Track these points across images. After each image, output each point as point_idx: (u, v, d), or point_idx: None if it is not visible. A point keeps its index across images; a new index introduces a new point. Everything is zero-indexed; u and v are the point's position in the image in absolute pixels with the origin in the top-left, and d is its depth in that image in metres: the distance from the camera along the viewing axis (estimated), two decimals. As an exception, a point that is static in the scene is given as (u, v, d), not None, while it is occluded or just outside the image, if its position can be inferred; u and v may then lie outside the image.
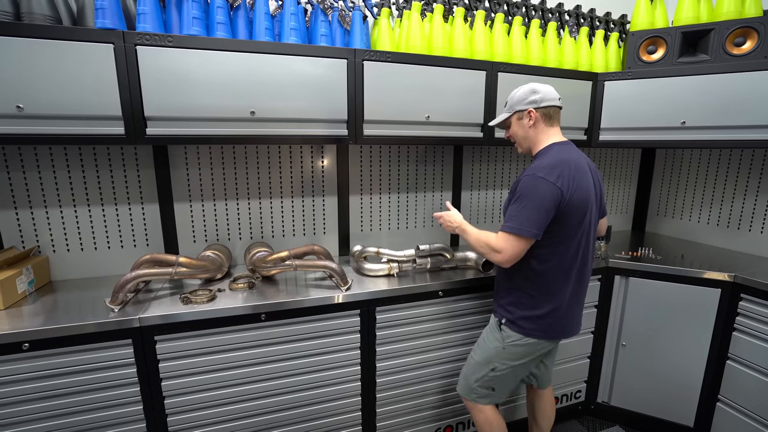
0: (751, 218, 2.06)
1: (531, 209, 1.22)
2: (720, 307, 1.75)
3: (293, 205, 1.91)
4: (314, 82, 1.51)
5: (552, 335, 1.40)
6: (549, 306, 1.36)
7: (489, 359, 1.45)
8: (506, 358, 1.42)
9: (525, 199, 1.24)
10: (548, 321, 1.37)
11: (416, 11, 1.71)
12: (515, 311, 1.39)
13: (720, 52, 1.78)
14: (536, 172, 1.25)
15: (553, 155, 1.30)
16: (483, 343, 1.50)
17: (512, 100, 1.40)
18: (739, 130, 1.74)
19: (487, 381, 1.46)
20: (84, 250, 1.65)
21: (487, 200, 2.27)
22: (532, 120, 1.36)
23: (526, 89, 1.36)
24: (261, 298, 1.45)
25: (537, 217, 1.22)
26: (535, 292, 1.35)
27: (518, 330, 1.39)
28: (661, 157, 2.47)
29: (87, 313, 1.31)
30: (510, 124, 1.43)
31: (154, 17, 1.37)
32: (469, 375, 1.50)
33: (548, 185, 1.22)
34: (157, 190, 1.69)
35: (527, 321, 1.37)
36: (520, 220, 1.24)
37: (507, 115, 1.42)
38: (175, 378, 1.37)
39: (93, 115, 1.32)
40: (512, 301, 1.41)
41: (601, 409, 2.08)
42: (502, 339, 1.42)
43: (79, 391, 1.27)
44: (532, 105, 1.34)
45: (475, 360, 1.49)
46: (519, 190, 1.27)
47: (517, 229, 1.24)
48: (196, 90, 1.39)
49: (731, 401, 1.75)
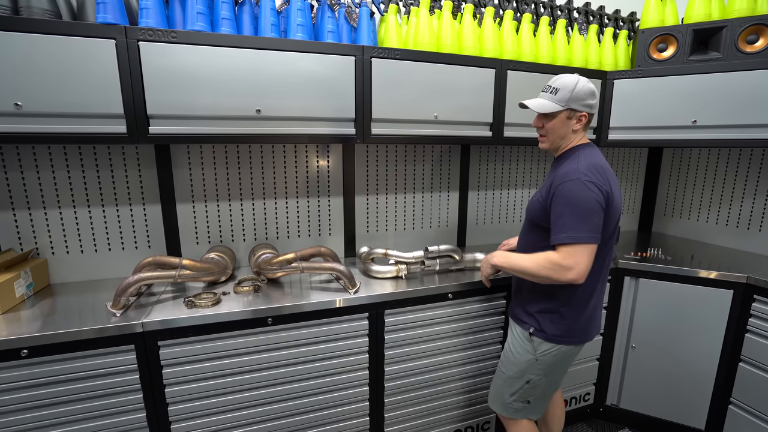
0: (761, 218, 2.04)
1: (587, 214, 1.14)
2: (732, 308, 1.73)
3: (298, 206, 1.87)
4: (321, 80, 1.48)
5: (583, 340, 1.34)
6: (583, 312, 1.30)
7: (522, 372, 1.36)
8: (540, 369, 1.34)
9: (577, 205, 1.15)
10: (581, 327, 1.31)
11: (425, 8, 1.67)
12: (548, 319, 1.30)
13: (732, 49, 1.76)
14: (580, 176, 1.16)
15: (587, 157, 1.23)
16: (511, 355, 1.40)
17: (566, 91, 1.22)
18: (751, 129, 1.72)
19: (522, 394, 1.39)
20: (84, 252, 1.60)
21: (494, 200, 2.24)
22: (580, 124, 1.26)
23: (586, 89, 1.22)
24: (267, 302, 1.41)
25: (595, 220, 1.15)
26: (570, 299, 1.28)
27: (551, 339, 1.30)
28: (668, 156, 2.45)
29: (87, 317, 1.27)
30: (552, 116, 1.26)
31: (157, 12, 1.33)
32: (502, 390, 1.43)
33: (596, 188, 1.16)
34: (159, 190, 1.65)
35: (561, 329, 1.30)
36: (581, 227, 1.14)
37: (559, 108, 1.24)
38: (179, 384, 1.33)
39: (94, 113, 1.27)
40: (544, 309, 1.31)
41: (610, 411, 2.06)
42: (534, 350, 1.33)
43: (79, 399, 1.23)
44: (587, 109, 1.24)
45: (506, 374, 1.41)
46: (566, 196, 1.16)
47: (581, 238, 1.14)
48: (200, 87, 1.35)
49: (744, 403, 1.73)
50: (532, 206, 1.32)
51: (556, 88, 1.24)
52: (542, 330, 1.31)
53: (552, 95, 1.25)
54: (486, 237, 2.25)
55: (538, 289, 1.32)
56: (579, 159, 1.23)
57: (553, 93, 1.25)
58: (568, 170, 1.20)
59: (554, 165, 1.34)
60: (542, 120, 1.30)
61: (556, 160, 1.35)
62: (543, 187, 1.32)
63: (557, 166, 1.30)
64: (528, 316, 1.36)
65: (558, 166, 1.30)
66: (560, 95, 1.23)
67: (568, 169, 1.21)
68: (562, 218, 1.16)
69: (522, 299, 1.40)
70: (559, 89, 1.23)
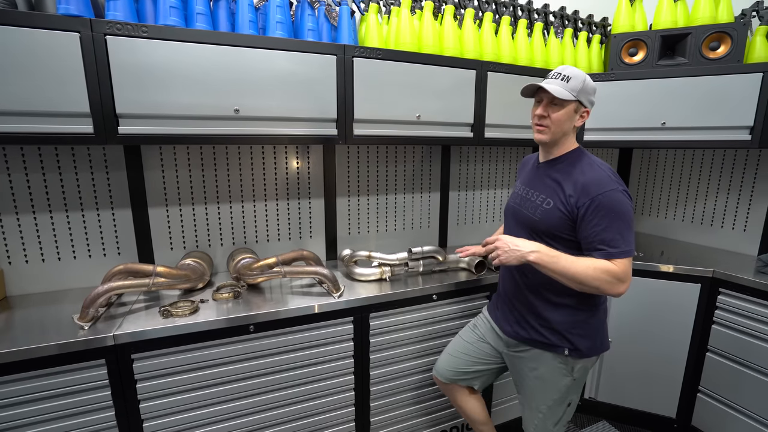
0: (723, 215, 2.16)
1: (630, 226, 1.11)
2: (700, 301, 1.81)
3: (278, 209, 1.82)
4: (302, 79, 1.44)
5: (607, 345, 1.29)
6: (604, 318, 1.26)
7: (563, 398, 1.27)
8: (578, 387, 1.28)
9: (623, 218, 1.09)
10: (603, 333, 1.27)
11: (406, 8, 1.66)
12: (578, 335, 1.21)
13: (697, 55, 1.85)
14: (616, 186, 1.11)
15: (601, 162, 1.19)
16: (544, 385, 1.27)
17: (578, 81, 1.14)
18: (714, 130, 1.81)
19: (565, 418, 1.31)
20: (45, 261, 1.49)
21: (474, 200, 2.26)
22: (582, 121, 1.20)
23: (593, 84, 1.17)
24: (248, 309, 1.35)
25: (633, 232, 1.12)
26: (592, 308, 1.22)
27: (587, 353, 1.22)
28: (638, 156, 2.55)
29: (51, 331, 1.18)
30: (564, 105, 1.16)
31: (126, 5, 1.25)
32: (545, 426, 1.30)
33: (629, 197, 1.12)
34: (129, 193, 1.56)
35: (591, 340, 1.22)
36: (630, 239, 1.10)
37: (571, 98, 1.14)
38: (155, 399, 1.26)
39: (56, 111, 1.18)
40: (572, 323, 1.21)
41: (589, 404, 2.12)
42: (571, 371, 1.23)
43: (44, 420, 1.14)
44: (591, 106, 1.19)
45: (545, 407, 1.28)
46: (610, 209, 1.09)
47: (627, 253, 1.09)
48: (174, 85, 1.28)
49: (711, 391, 1.82)
50: (546, 216, 1.19)
51: (568, 76, 1.14)
52: (576, 348, 1.21)
53: (564, 82, 1.14)
54: (466, 237, 2.27)
55: (561, 303, 1.21)
56: (595, 163, 1.17)
57: (565, 80, 1.14)
58: (599, 179, 1.12)
59: (557, 167, 1.23)
60: (549, 109, 1.18)
61: (555, 162, 1.24)
62: (551, 193, 1.20)
63: (565, 169, 1.20)
64: (556, 337, 1.22)
65: (568, 170, 1.19)
66: (572, 84, 1.13)
67: (595, 177, 1.13)
68: (607, 233, 1.09)
69: (540, 315, 1.24)
70: (571, 77, 1.14)
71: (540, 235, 1.21)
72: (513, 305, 1.33)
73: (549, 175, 1.23)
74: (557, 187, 1.18)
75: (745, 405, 1.69)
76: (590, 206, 1.10)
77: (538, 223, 1.21)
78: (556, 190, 1.18)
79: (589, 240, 1.12)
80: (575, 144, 1.24)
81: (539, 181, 1.26)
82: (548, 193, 1.21)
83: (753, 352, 1.65)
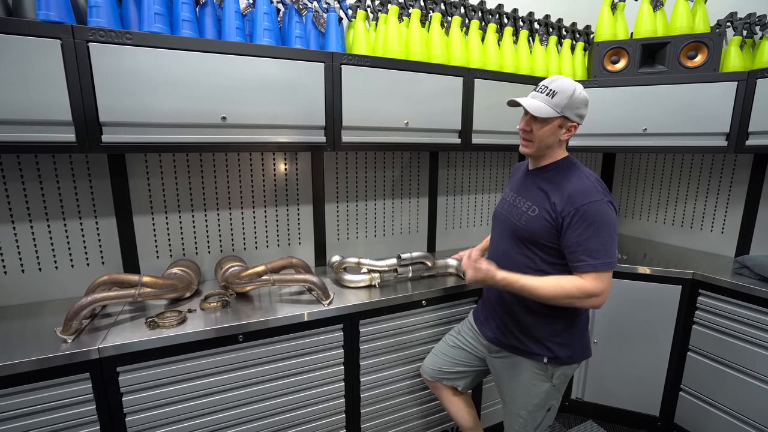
0: (702, 218, 2.22)
1: (613, 238, 1.10)
2: (681, 302, 1.87)
3: (266, 215, 1.80)
4: (290, 87, 1.43)
5: (588, 353, 1.29)
6: (585, 326, 1.27)
7: (543, 403, 1.27)
8: (558, 392, 1.29)
9: (605, 228, 1.09)
10: (584, 341, 1.28)
11: (394, 15, 1.67)
12: (557, 344, 1.22)
13: (675, 64, 1.90)
14: (602, 197, 1.11)
15: (589, 172, 1.19)
16: (524, 391, 1.28)
17: (564, 95, 1.11)
18: (693, 137, 1.87)
19: (546, 422, 1.32)
20: (25, 272, 1.45)
21: (462, 205, 2.28)
22: (569, 135, 1.17)
23: (583, 97, 1.14)
24: (237, 318, 1.34)
25: (616, 243, 1.11)
26: (577, 315, 1.24)
27: (566, 361, 1.23)
28: (620, 160, 2.61)
29: (32, 345, 1.15)
30: (547, 122, 1.15)
31: (109, 11, 1.23)
32: (527, 430, 1.31)
33: (613, 208, 1.12)
34: (113, 201, 1.53)
35: (571, 349, 1.23)
36: (611, 252, 1.09)
37: (554, 114, 1.12)
38: (142, 412, 1.24)
39: (36, 119, 1.15)
40: (554, 331, 1.22)
41: (576, 405, 2.16)
42: (550, 377, 1.25)
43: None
44: (579, 120, 1.16)
45: (526, 412, 1.29)
46: (592, 219, 1.08)
47: (610, 264, 1.08)
48: (159, 93, 1.26)
49: (692, 390, 1.87)
50: (530, 223, 1.19)
51: (554, 91, 1.12)
52: (556, 356, 1.22)
53: (548, 98, 1.12)
54: (455, 242, 2.29)
55: (541, 312, 1.22)
56: (583, 174, 1.17)
57: (549, 95, 1.12)
58: (585, 189, 1.12)
59: (544, 176, 1.23)
60: (532, 124, 1.17)
61: (543, 171, 1.24)
62: (538, 201, 1.20)
63: (552, 178, 1.20)
64: (534, 343, 1.24)
65: (556, 179, 1.19)
66: (557, 99, 1.11)
67: (581, 186, 1.13)
68: (590, 243, 1.08)
69: (522, 323, 1.25)
70: (557, 92, 1.11)
71: (524, 242, 1.22)
72: (495, 311, 1.34)
73: (536, 184, 1.24)
74: (543, 196, 1.19)
75: (725, 403, 1.75)
76: (575, 216, 1.10)
77: (522, 230, 1.21)
78: (543, 198, 1.19)
79: (571, 249, 1.12)
80: (564, 153, 1.23)
81: (527, 189, 1.27)
82: (535, 201, 1.21)
83: (731, 351, 1.71)
